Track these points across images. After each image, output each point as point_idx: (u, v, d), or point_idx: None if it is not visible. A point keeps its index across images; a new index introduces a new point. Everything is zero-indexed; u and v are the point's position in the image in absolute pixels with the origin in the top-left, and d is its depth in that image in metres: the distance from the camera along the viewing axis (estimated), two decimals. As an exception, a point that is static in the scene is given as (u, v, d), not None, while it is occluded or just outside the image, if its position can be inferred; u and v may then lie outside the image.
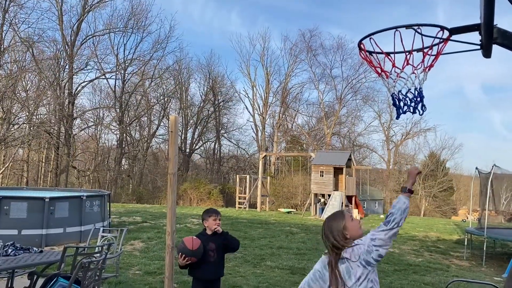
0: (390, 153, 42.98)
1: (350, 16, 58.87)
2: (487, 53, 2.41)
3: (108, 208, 12.81)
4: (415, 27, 2.25)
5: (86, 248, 5.70)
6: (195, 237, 3.89)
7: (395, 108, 2.57)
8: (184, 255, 3.73)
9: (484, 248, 11.26)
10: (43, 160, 34.35)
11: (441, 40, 2.41)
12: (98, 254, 4.75)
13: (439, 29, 2.34)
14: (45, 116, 31.98)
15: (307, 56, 42.36)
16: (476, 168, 13.28)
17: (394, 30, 2.28)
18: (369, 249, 2.36)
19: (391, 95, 2.51)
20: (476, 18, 2.48)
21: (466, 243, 12.46)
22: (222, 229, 4.06)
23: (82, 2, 32.09)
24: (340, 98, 41.48)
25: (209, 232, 4.01)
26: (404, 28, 2.26)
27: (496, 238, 11.81)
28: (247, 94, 45.27)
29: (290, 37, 54.48)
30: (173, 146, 6.43)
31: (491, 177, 11.74)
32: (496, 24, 2.25)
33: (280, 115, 43.47)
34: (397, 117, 2.54)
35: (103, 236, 6.21)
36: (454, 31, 2.35)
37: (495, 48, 2.48)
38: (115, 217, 16.11)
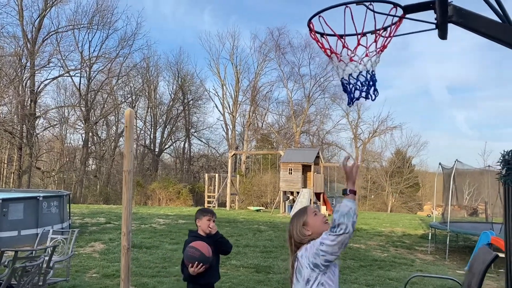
0: (358, 150, 43.57)
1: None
2: (443, 34, 2.27)
3: (68, 209, 12.31)
4: (367, 3, 2.09)
5: (34, 251, 5.34)
6: (202, 242, 3.51)
7: (346, 95, 2.40)
8: (202, 264, 3.34)
9: (447, 242, 11.43)
10: (5, 161, 32.96)
11: (394, 20, 2.26)
12: (42, 258, 4.40)
13: (392, 6, 2.19)
14: (7, 115, 30.69)
15: (276, 55, 42.37)
16: (440, 164, 13.49)
17: (345, 6, 2.11)
18: (317, 252, 2.15)
19: (341, 81, 2.33)
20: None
21: (430, 238, 12.63)
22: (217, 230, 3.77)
23: (44, -3, 30.91)
24: (308, 96, 41.71)
25: (202, 233, 3.67)
26: (355, 4, 2.09)
27: (458, 231, 12.02)
28: (216, 92, 44.88)
29: (259, 36, 54.33)
30: (128, 142, 6.10)
31: (453, 172, 11.93)
32: (452, 1, 2.12)
33: (250, 113, 43.32)
34: (349, 104, 2.36)
35: (52, 238, 5.84)
36: (408, 9, 2.21)
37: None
38: (78, 218, 15.55)
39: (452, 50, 57.32)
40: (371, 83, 2.30)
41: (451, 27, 2.52)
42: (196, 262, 3.35)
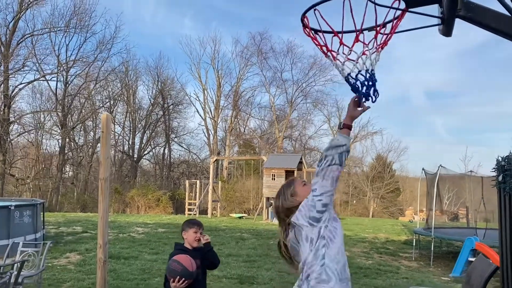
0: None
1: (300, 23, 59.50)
2: (448, 29, 2.09)
3: (42, 218, 11.80)
4: (368, -6, 1.89)
5: (1, 267, 4.96)
6: (187, 255, 3.30)
7: (360, 94, 2.15)
8: (184, 279, 3.14)
9: (432, 248, 11.37)
10: (-23, 168, 31.80)
11: (395, 15, 2.06)
12: (9, 274, 4.05)
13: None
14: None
15: (258, 59, 42.30)
16: (423, 169, 13.48)
17: (343, -3, 1.90)
18: (312, 202, 2.02)
19: (345, 79, 2.12)
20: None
21: (414, 244, 12.56)
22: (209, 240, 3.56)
23: (19, -1, 30.08)
24: (291, 101, 41.74)
25: (188, 246, 3.47)
26: (355, -5, 1.89)
27: (443, 238, 11.98)
28: (198, 97, 44.48)
29: (241, 40, 54.23)
30: (105, 148, 5.76)
31: (437, 178, 11.90)
32: (459, -7, 1.94)
33: (232, 118, 43.06)
34: (371, 99, 2.11)
35: (23, 251, 5.45)
36: (412, 2, 2.01)
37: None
38: (53, 227, 15.00)
39: (430, 57, 58.33)
40: (370, 83, 2.09)
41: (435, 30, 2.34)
42: (178, 277, 3.13)
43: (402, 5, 2.02)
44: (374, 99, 2.10)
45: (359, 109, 2.12)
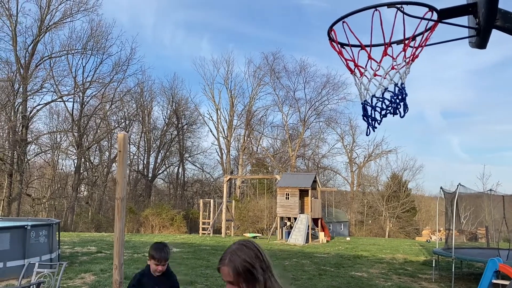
0: (354, 175, 43.31)
1: (312, 44, 60.19)
2: (483, 40, 2.00)
3: (58, 238, 11.78)
4: (398, 6, 1.82)
5: None
6: None
7: (366, 123, 2.10)
8: None
9: (453, 269, 11.02)
10: (-5, 188, 32.23)
11: (427, 27, 1.99)
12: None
13: (427, 9, 1.92)
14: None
15: (271, 79, 42.59)
16: (441, 188, 13.20)
17: (374, 9, 1.84)
18: None
19: (362, 104, 2.04)
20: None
21: (434, 265, 12.20)
22: (172, 272, 3.49)
23: (38, 23, 30.93)
24: (304, 120, 41.70)
25: (154, 273, 3.41)
26: (386, 7, 1.83)
27: (464, 258, 11.61)
28: (211, 117, 44.88)
29: (254, 61, 54.75)
30: (121, 167, 5.72)
31: (456, 197, 11.61)
32: (495, 3, 1.86)
33: (245, 138, 43.14)
34: (368, 133, 2.06)
35: (38, 272, 5.40)
36: (445, 13, 1.94)
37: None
38: (68, 247, 14.99)
39: (446, 75, 58.06)
40: (400, 97, 2.00)
41: (454, 50, 2.26)
42: None
43: (435, 16, 1.95)
44: (403, 114, 2.02)
45: None
